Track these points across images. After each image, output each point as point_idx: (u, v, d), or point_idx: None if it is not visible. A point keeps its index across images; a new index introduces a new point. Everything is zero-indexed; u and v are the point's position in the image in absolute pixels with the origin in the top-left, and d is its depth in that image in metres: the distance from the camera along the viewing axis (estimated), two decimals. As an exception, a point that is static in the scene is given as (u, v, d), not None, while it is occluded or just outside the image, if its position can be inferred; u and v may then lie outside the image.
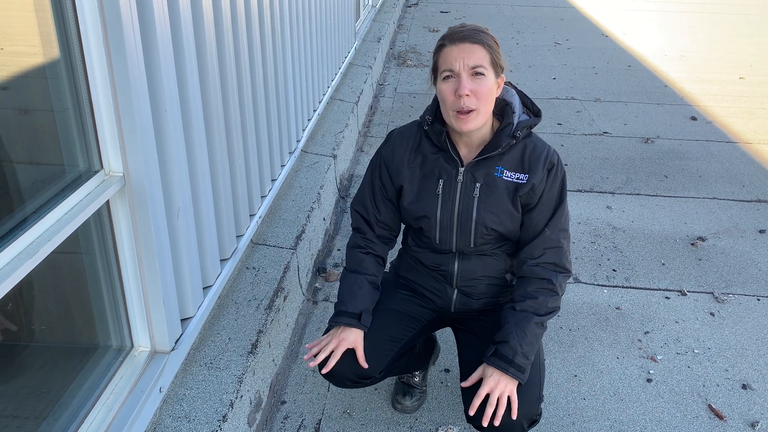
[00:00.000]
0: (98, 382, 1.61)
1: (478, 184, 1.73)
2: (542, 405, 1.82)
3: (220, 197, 2.12)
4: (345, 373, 1.80)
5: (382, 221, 1.87)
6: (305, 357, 1.77)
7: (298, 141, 3.33)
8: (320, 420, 2.11)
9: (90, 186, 1.49)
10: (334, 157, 3.55)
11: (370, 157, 1.90)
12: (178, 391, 1.83)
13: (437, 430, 2.08)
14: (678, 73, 6.27)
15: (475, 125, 1.65)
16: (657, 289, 2.81)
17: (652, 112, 5.10)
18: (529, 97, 1.78)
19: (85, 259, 1.58)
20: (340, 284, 1.84)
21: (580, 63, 6.54)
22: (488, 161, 1.72)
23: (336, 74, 4.54)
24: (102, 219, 1.57)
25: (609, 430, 2.07)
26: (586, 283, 2.84)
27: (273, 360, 2.21)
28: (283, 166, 3.01)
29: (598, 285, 2.83)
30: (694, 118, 4.97)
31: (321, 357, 1.72)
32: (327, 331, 1.80)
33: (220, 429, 1.73)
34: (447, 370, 2.33)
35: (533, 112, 1.76)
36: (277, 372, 2.24)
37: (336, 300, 1.92)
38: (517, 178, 1.71)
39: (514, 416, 1.62)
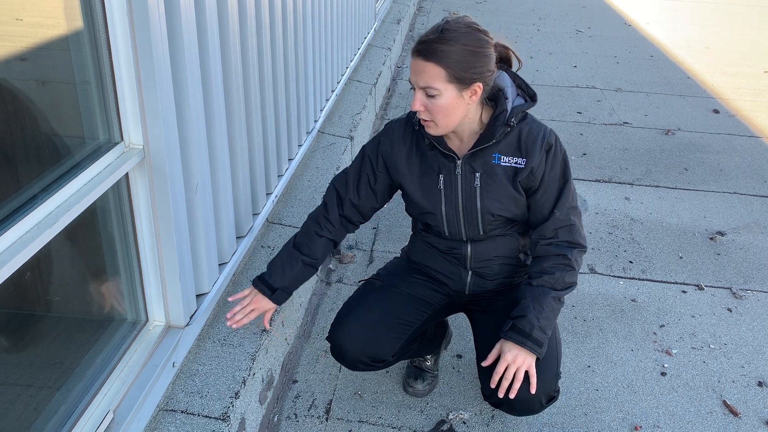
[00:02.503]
0: (113, 355, 1.61)
1: (477, 174, 1.70)
2: (560, 383, 1.80)
3: (238, 174, 2.11)
4: (358, 356, 1.79)
5: (357, 206, 1.85)
6: (227, 315, 1.82)
7: (315, 121, 3.30)
8: (331, 400, 2.11)
9: (110, 158, 1.48)
10: (351, 138, 3.53)
11: None
12: (191, 366, 1.83)
13: (448, 415, 2.07)
14: (701, 64, 6.17)
15: (438, 133, 1.64)
16: (674, 283, 2.78)
17: (674, 104, 5.02)
18: (525, 80, 1.73)
19: (103, 231, 1.58)
20: (281, 249, 1.86)
21: (602, 51, 6.45)
22: (484, 150, 1.69)
23: (355, 55, 4.50)
24: (121, 192, 1.56)
25: (621, 422, 2.06)
26: (602, 274, 2.81)
27: (285, 339, 2.21)
28: (300, 145, 2.99)
29: (614, 276, 2.80)
30: (716, 111, 4.89)
31: (238, 317, 1.78)
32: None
33: (232, 406, 1.73)
34: (459, 356, 2.32)
35: (528, 95, 1.71)
36: (290, 351, 2.24)
37: (347, 281, 1.91)
38: (516, 163, 1.69)
39: (533, 390, 1.62)
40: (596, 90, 5.24)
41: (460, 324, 2.43)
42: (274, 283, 1.80)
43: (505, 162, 1.69)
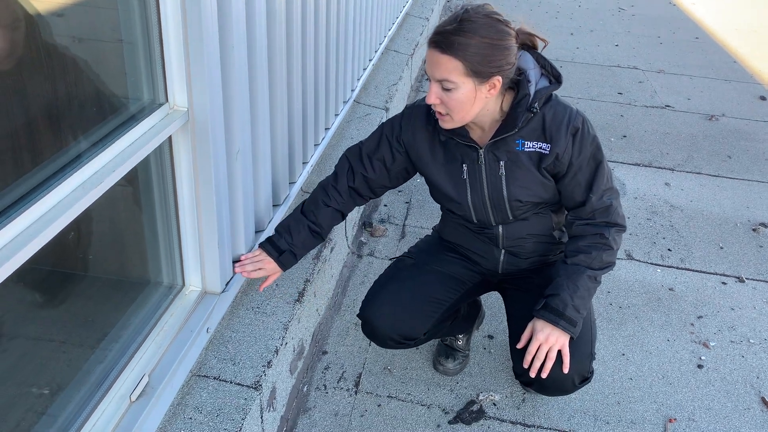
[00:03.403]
0: (149, 318, 1.61)
1: (501, 162, 1.64)
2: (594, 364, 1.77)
3: (277, 142, 2.08)
4: (389, 334, 1.77)
5: (368, 180, 1.81)
6: (236, 269, 1.79)
7: (352, 90, 3.25)
8: (360, 374, 2.10)
9: (154, 119, 1.45)
10: (386, 110, 3.47)
11: None
12: (224, 332, 1.82)
13: (478, 395, 2.05)
14: (748, 48, 5.95)
15: (452, 126, 1.58)
16: (713, 273, 2.71)
17: (719, 88, 4.86)
18: (549, 60, 1.62)
19: (144, 195, 1.56)
20: (291, 213, 1.84)
21: (645, 31, 6.25)
22: (506, 138, 1.62)
23: (393, 23, 4.41)
24: (163, 155, 1.54)
25: (655, 413, 2.02)
26: (640, 261, 2.75)
27: (317, 309, 2.20)
28: (336, 115, 2.95)
29: (652, 264, 2.74)
30: (763, 98, 4.72)
31: (249, 268, 1.77)
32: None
33: (265, 375, 1.73)
34: (490, 337, 2.29)
35: (553, 75, 1.61)
36: (320, 322, 2.23)
37: (378, 255, 1.89)
38: (540, 148, 1.62)
39: (566, 370, 1.60)
40: (638, 71, 5.09)
41: (492, 304, 2.40)
42: (281, 245, 1.77)
43: (529, 147, 1.62)
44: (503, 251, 1.82)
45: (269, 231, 2.07)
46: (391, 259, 2.49)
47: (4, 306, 1.17)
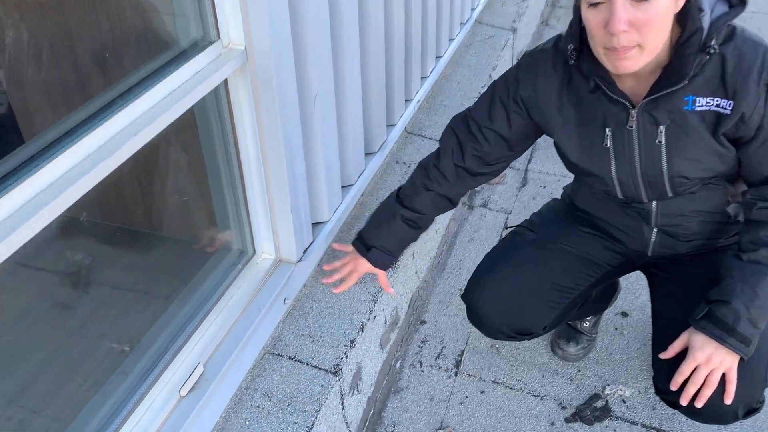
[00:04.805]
0: (215, 288, 1.41)
1: (662, 127, 1.20)
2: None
3: (371, 79, 1.75)
4: (498, 327, 1.46)
5: (481, 155, 1.42)
6: (325, 281, 1.60)
7: (473, 9, 2.81)
8: (463, 351, 1.82)
9: (203, 60, 1.18)
10: (514, 30, 3.00)
11: (555, 33, 1.38)
12: (305, 303, 1.60)
13: (604, 389, 1.70)
14: None
15: (637, 66, 1.12)
16: None
17: None
18: None
19: (199, 149, 1.32)
20: (385, 200, 1.54)
21: None
22: (671, 94, 1.17)
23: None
24: (219, 101, 1.28)
25: (842, 434, 1.57)
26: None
27: (416, 272, 1.92)
28: (451, 40, 2.55)
29: None
30: None
31: (336, 277, 1.57)
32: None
33: (346, 357, 1.49)
34: (624, 314, 1.90)
35: None
36: (420, 286, 1.95)
37: (493, 207, 1.55)
38: (718, 106, 1.16)
39: (729, 400, 1.22)
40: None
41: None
42: (369, 239, 1.50)
43: (703, 106, 1.18)
44: (655, 230, 1.41)
45: (360, 185, 1.79)
46: (507, 228, 2.12)
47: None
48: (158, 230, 1.36)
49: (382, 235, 1.49)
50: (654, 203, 1.35)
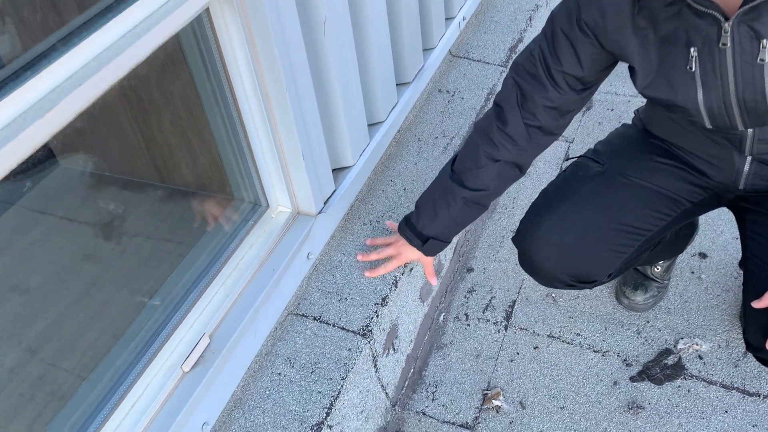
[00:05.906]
0: (222, 249, 1.28)
1: (765, 41, 0.93)
2: None
3: (399, -4, 1.52)
4: (556, 274, 1.26)
5: (553, 101, 1.16)
6: (359, 258, 1.42)
7: None
8: (514, 302, 1.64)
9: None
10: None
11: None
12: (333, 256, 1.46)
13: (677, 343, 1.49)
14: None
15: None
16: None
17: None
18: None
19: (198, 93, 1.16)
20: (438, 175, 1.30)
21: None
22: None
23: None
24: (206, 38, 1.10)
25: None
26: None
27: (462, 215, 1.73)
28: (503, -57, 2.23)
29: None
30: None
31: (373, 257, 1.40)
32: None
33: (377, 317, 1.35)
34: (703, 255, 1.65)
35: None
36: (466, 229, 1.76)
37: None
38: None
39: None
40: None
41: (710, 208, 1.72)
42: (424, 230, 1.30)
43: None
44: (749, 159, 1.15)
45: (391, 122, 1.58)
46: (567, 159, 1.86)
47: None
48: (160, 181, 1.23)
49: (439, 223, 1.29)
50: (749, 130, 1.09)
